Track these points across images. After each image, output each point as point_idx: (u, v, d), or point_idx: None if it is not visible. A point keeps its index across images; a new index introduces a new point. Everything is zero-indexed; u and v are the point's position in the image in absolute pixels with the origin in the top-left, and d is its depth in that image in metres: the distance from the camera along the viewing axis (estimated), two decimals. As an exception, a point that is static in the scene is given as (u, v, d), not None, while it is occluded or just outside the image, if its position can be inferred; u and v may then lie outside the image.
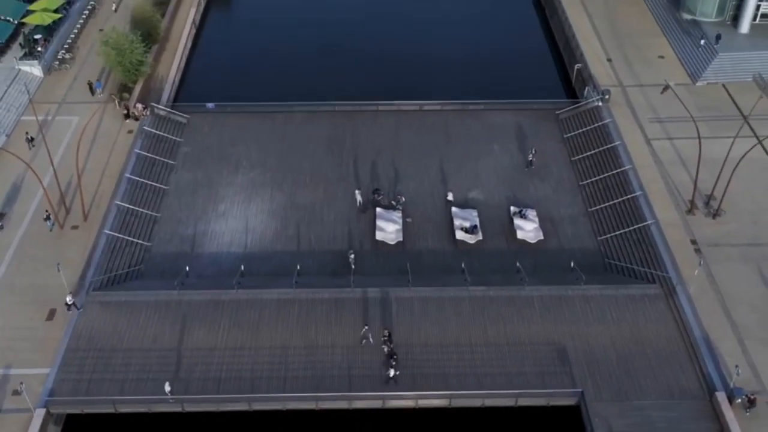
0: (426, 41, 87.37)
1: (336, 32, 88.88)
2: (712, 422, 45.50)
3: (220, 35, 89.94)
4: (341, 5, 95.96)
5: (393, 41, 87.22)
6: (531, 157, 64.50)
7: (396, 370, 46.89)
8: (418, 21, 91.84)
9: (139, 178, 63.44)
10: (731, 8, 78.64)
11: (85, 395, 46.69)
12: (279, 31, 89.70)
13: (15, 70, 73.87)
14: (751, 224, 58.22)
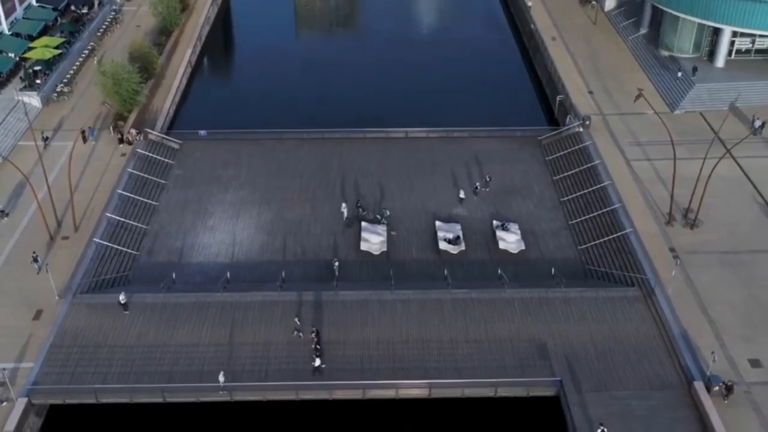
0: (415, 76, 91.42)
1: (325, 67, 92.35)
2: (691, 410, 45.80)
3: (215, 74, 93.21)
4: (331, 44, 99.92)
5: (384, 74, 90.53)
6: (479, 186, 66.06)
7: (322, 363, 47.55)
8: (407, 56, 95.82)
9: (131, 194, 64.95)
10: (707, 44, 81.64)
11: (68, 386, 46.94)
12: (272, 68, 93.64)
13: (14, 101, 76.18)
14: (728, 234, 59.41)
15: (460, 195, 65.01)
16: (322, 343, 49.23)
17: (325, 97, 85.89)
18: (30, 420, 46.57)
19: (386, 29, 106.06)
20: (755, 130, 71.11)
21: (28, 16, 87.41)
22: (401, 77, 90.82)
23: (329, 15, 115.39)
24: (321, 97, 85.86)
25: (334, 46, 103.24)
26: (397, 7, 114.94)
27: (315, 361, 47.51)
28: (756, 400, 46.01)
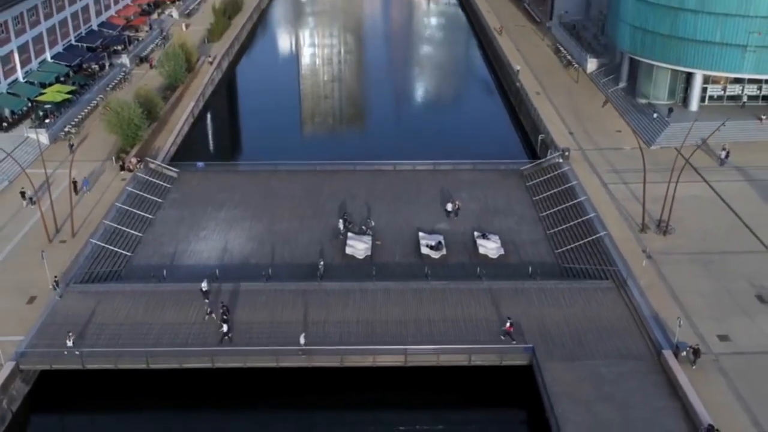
0: (404, 119, 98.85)
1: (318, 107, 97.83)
2: (660, 375, 47.00)
3: (216, 124, 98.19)
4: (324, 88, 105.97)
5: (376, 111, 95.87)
6: (451, 208, 68.60)
7: (230, 330, 49.91)
8: (395, 101, 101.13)
9: (129, 207, 68.01)
10: (681, 91, 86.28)
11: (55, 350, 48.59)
12: (272, 117, 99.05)
13: (24, 137, 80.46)
14: (700, 239, 61.77)
15: (447, 208, 67.74)
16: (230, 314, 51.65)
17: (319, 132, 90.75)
18: (16, 384, 47.94)
19: (385, 86, 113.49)
20: (722, 160, 74.59)
21: (42, 69, 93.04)
22: (396, 127, 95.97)
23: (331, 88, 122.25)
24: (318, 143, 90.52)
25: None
26: (392, 63, 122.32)
27: (223, 327, 49.65)
28: (723, 366, 47.25)
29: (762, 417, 43.06)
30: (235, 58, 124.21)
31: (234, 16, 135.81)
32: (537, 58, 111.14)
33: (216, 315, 51.89)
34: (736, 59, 79.99)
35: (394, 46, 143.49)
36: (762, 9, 76.64)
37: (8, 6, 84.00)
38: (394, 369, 50.12)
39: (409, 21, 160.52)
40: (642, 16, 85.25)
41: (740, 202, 67.60)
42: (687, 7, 79.94)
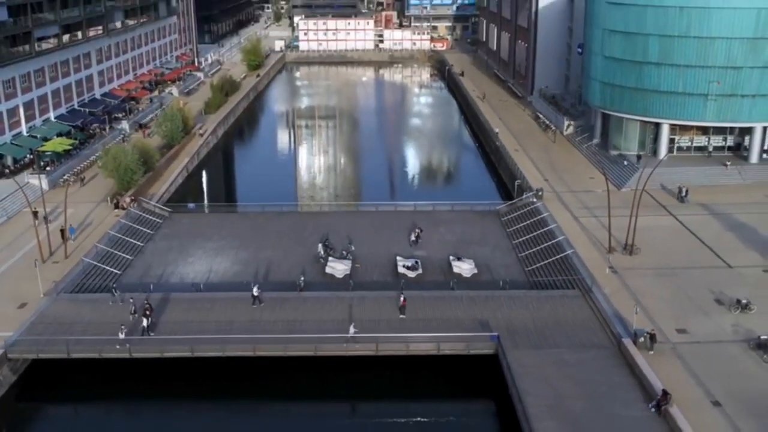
0: (388, 173, 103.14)
1: (309, 165, 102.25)
2: (620, 359, 49.34)
3: (210, 177, 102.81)
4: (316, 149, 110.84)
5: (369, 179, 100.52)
6: (414, 236, 72.19)
7: (149, 324, 52.98)
8: (382, 159, 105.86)
9: (121, 235, 71.27)
10: (650, 142, 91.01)
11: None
12: (264, 173, 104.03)
13: (25, 182, 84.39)
14: (664, 258, 64.83)
15: (411, 238, 71.46)
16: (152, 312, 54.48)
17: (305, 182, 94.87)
18: (3, 371, 49.96)
19: (373, 147, 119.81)
20: (682, 198, 78.73)
21: (45, 126, 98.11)
22: (380, 179, 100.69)
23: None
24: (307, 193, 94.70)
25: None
26: (382, 129, 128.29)
27: (143, 322, 52.66)
28: (679, 352, 49.71)
29: (714, 389, 45.31)
30: (230, 128, 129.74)
31: (231, 94, 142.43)
32: (517, 124, 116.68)
33: (138, 312, 54.41)
34: (699, 108, 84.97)
35: (384, 116, 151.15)
36: (720, 59, 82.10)
37: (16, 61, 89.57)
38: (367, 362, 52.25)
39: (400, 99, 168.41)
40: (610, 72, 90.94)
41: (703, 230, 70.95)
42: (650, 61, 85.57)
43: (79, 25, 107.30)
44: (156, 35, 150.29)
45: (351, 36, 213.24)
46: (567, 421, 42.96)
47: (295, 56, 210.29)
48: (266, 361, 52.44)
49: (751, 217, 73.29)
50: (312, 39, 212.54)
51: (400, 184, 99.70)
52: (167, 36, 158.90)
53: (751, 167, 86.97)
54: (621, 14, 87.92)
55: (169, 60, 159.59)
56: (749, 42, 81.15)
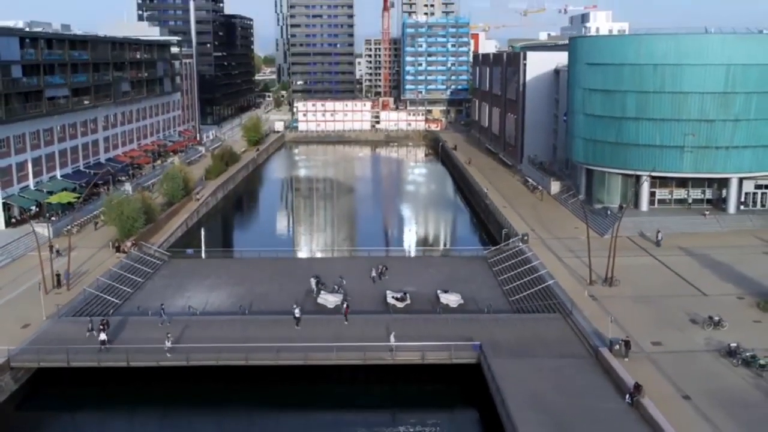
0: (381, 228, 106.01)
1: (307, 221, 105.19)
2: (596, 366, 51.73)
3: (209, 232, 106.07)
4: (313, 208, 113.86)
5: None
6: (376, 272, 75.19)
7: (106, 337, 55.48)
8: (375, 216, 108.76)
9: (122, 272, 74.13)
10: (632, 195, 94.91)
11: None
12: (261, 229, 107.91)
13: (29, 230, 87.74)
14: (642, 289, 67.69)
15: (372, 274, 74.85)
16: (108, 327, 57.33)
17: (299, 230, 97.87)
18: (5, 378, 52.06)
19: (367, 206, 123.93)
20: (657, 242, 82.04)
21: (51, 182, 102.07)
22: (373, 231, 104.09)
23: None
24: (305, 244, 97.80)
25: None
26: (376, 193, 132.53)
27: (100, 336, 55.22)
28: (653, 359, 52.10)
29: (684, 386, 47.68)
30: (229, 193, 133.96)
31: (231, 164, 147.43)
32: (506, 186, 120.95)
33: (96, 330, 56.88)
34: (676, 159, 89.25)
35: (378, 184, 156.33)
36: (694, 113, 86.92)
37: (27, 119, 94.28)
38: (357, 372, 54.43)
39: (395, 170, 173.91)
40: (591, 129, 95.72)
41: (681, 267, 73.99)
42: (628, 116, 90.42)
43: (87, 90, 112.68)
44: (160, 109, 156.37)
45: (348, 117, 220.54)
46: (547, 413, 44.93)
47: (294, 136, 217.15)
48: (260, 370, 54.54)
49: (727, 257, 76.36)
50: (311, 120, 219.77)
51: (393, 236, 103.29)
52: (171, 111, 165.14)
53: (729, 216, 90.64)
54: (600, 74, 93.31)
55: (172, 134, 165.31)
56: (720, 96, 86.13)
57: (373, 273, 74.97)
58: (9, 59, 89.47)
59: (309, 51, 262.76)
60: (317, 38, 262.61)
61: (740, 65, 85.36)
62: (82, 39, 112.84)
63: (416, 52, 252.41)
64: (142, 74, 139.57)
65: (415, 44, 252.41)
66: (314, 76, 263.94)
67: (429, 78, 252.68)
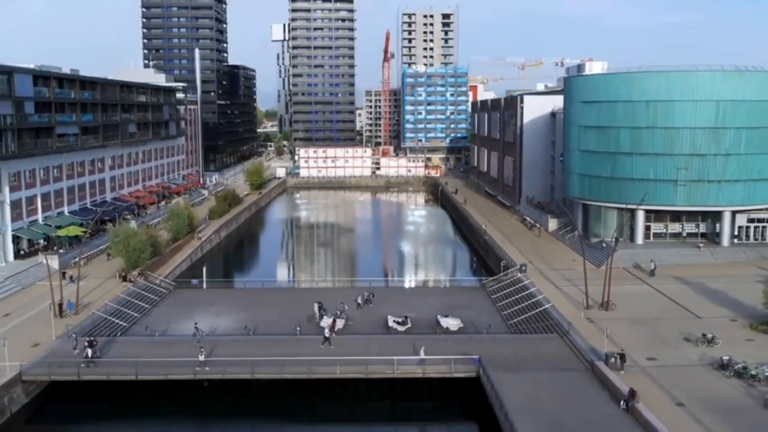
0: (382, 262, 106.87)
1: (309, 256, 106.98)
2: (592, 378, 53.24)
3: (212, 265, 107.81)
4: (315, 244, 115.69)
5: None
6: (361, 299, 76.84)
7: (94, 355, 57.21)
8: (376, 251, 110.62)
9: (130, 298, 75.83)
10: (627, 228, 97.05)
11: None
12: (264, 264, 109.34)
13: (38, 261, 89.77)
14: (637, 312, 69.33)
15: (357, 300, 76.33)
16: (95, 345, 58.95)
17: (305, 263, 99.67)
18: (15, 391, 53.49)
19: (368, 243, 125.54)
20: (651, 271, 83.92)
21: (59, 217, 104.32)
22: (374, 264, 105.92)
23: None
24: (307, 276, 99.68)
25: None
26: (376, 231, 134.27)
27: (87, 352, 57.15)
28: (648, 371, 53.62)
29: (678, 395, 49.27)
30: (232, 232, 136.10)
31: (234, 206, 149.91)
32: (505, 225, 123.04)
33: (79, 349, 58.42)
34: (669, 193, 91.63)
35: (378, 224, 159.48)
36: (686, 147, 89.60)
37: (38, 154, 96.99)
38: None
39: (395, 212, 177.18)
40: (587, 164, 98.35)
41: (675, 294, 75.77)
42: (623, 151, 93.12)
43: (96, 129, 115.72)
44: (165, 153, 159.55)
45: (349, 163, 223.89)
46: (545, 418, 46.33)
47: (295, 182, 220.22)
48: (265, 385, 56.00)
49: (721, 285, 78.14)
50: (312, 166, 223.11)
51: (392, 269, 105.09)
52: (175, 155, 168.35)
53: (723, 249, 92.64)
54: (594, 111, 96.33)
55: (176, 178, 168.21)
56: (711, 131, 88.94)
57: (359, 300, 76.44)
58: (23, 95, 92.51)
59: (311, 100, 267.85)
60: (319, 87, 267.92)
61: (729, 101, 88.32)
62: (92, 80, 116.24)
63: (416, 101, 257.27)
64: (149, 117, 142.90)
65: (415, 93, 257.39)
66: (316, 124, 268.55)
67: (428, 126, 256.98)
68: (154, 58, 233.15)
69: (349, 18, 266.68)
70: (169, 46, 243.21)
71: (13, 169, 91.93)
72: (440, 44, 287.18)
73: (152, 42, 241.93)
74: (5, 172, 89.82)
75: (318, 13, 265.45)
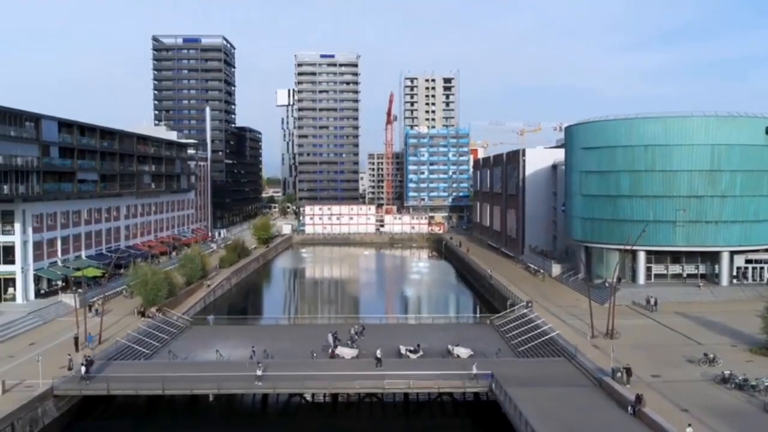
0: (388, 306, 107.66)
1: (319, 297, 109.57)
2: (600, 391, 55.76)
3: (224, 306, 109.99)
4: (321, 290, 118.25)
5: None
6: (353, 331, 79.29)
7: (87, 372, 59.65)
8: (381, 297, 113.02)
9: (150, 329, 78.58)
10: (629, 270, 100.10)
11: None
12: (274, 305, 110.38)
13: (59, 300, 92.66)
14: (641, 340, 72.01)
15: (351, 331, 78.58)
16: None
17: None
18: (47, 404, 55.92)
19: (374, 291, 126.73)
20: (652, 307, 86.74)
21: (77, 260, 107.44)
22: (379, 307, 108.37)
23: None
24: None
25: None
26: (382, 281, 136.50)
27: (82, 369, 59.77)
28: (653, 386, 56.08)
29: (682, 403, 51.93)
30: (241, 280, 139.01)
31: (243, 257, 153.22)
32: (509, 272, 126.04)
33: (72, 367, 61.26)
34: (669, 234, 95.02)
35: (383, 274, 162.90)
36: (683, 190, 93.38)
37: (60, 198, 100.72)
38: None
39: (399, 264, 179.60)
40: (589, 208, 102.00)
41: (677, 326, 78.53)
42: (623, 194, 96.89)
43: (114, 177, 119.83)
44: (176, 206, 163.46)
45: (354, 220, 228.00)
46: (560, 423, 48.66)
47: (301, 238, 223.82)
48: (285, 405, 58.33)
49: (721, 318, 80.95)
50: (317, 223, 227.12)
51: (399, 308, 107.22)
52: (185, 209, 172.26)
53: (722, 288, 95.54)
54: (595, 156, 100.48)
55: (186, 231, 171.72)
56: (707, 174, 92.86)
57: (351, 331, 78.75)
58: (49, 140, 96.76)
59: (316, 160, 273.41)
60: (324, 148, 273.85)
61: (724, 145, 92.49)
62: (111, 130, 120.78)
63: (419, 160, 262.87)
64: (162, 169, 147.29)
65: (418, 153, 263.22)
66: (320, 183, 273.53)
67: (431, 185, 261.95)
68: (165, 118, 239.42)
69: (354, 81, 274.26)
70: (179, 107, 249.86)
71: (37, 211, 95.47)
72: (441, 107, 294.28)
73: (163, 103, 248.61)
74: (29, 213, 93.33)
75: (324, 76, 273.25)
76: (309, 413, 59.41)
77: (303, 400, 62.59)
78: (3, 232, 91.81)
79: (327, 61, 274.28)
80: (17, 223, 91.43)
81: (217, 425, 58.67)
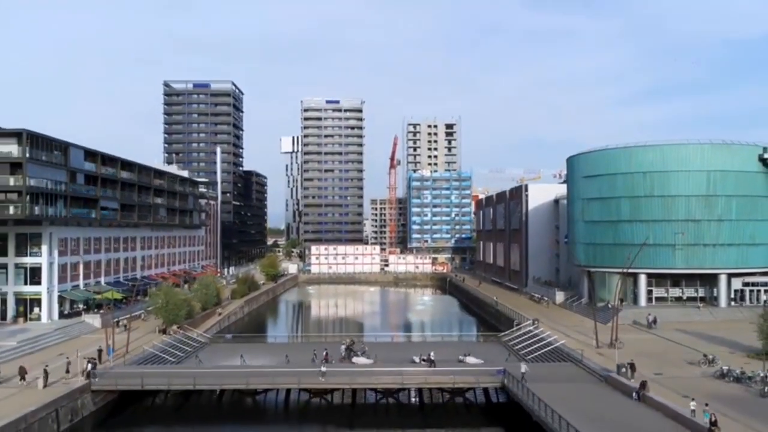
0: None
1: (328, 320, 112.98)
2: (607, 385, 59.38)
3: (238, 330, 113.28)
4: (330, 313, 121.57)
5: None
6: (345, 345, 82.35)
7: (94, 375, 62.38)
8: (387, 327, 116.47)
9: (174, 342, 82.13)
10: (631, 292, 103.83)
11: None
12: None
13: (81, 320, 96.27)
14: (643, 349, 75.55)
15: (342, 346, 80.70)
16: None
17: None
18: (85, 398, 59.37)
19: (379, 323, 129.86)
20: (650, 324, 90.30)
21: (97, 285, 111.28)
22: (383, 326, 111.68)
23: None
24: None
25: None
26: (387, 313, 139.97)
27: (87, 367, 62.93)
28: (655, 380, 59.52)
29: (684, 390, 55.36)
30: (252, 310, 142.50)
31: (253, 290, 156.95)
32: (514, 301, 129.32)
33: (69, 366, 64.77)
34: (668, 257, 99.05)
35: (388, 307, 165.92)
36: (681, 213, 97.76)
37: (83, 225, 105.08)
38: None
39: (403, 299, 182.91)
40: (590, 233, 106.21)
41: (677, 339, 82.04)
42: (623, 219, 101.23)
43: (132, 207, 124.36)
44: (188, 241, 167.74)
45: (359, 260, 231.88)
46: (574, 407, 51.97)
47: (307, 278, 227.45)
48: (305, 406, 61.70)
49: (720, 333, 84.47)
50: (323, 263, 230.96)
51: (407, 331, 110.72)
52: (196, 245, 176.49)
53: (721, 309, 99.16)
54: (596, 184, 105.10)
55: (196, 267, 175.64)
56: (704, 198, 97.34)
57: (342, 346, 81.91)
58: (76, 167, 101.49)
59: (321, 203, 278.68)
60: (329, 191, 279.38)
61: (719, 171, 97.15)
62: (130, 162, 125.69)
63: (422, 203, 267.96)
64: (176, 203, 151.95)
65: (421, 196, 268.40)
66: (325, 225, 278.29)
67: (434, 227, 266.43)
68: (176, 160, 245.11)
69: (358, 126, 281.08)
70: (188, 150, 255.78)
71: (62, 235, 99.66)
72: (444, 152, 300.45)
73: (173, 146, 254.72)
74: (56, 237, 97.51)
75: (329, 121, 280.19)
76: (328, 414, 62.58)
77: (323, 401, 65.79)
78: (31, 253, 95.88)
79: (332, 106, 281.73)
80: (44, 245, 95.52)
81: (243, 424, 61.84)
